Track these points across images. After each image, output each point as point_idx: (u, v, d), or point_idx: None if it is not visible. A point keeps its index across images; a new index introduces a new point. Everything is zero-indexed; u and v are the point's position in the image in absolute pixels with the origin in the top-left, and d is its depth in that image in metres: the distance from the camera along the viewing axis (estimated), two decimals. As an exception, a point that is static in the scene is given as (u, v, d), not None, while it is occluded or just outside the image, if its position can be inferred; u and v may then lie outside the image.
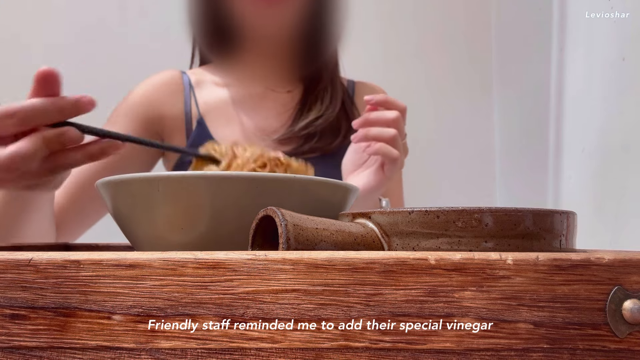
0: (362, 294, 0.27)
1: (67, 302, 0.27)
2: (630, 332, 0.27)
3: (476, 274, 0.27)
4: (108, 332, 0.27)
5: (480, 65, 1.46)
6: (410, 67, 1.35)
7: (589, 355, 0.27)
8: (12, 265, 0.27)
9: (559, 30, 1.04)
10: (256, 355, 0.27)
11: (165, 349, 0.27)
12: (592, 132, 0.88)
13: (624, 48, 0.78)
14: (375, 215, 0.34)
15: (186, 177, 0.38)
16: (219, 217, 0.38)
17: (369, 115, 0.70)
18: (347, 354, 0.27)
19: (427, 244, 0.32)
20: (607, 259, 0.27)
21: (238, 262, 0.27)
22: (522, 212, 0.32)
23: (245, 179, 0.38)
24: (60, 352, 0.27)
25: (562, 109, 1.02)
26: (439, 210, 0.32)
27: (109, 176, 0.41)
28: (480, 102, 1.45)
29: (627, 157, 0.77)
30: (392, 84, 1.04)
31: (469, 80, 1.46)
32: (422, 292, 0.27)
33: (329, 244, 0.32)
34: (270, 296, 0.27)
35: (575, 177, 0.95)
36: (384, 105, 0.70)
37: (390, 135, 0.68)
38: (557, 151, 1.04)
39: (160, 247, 0.40)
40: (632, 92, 0.76)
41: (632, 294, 0.27)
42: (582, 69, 0.93)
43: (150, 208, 0.39)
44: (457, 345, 0.27)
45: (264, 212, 0.32)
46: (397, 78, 0.74)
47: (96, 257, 0.27)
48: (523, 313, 0.27)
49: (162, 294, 0.27)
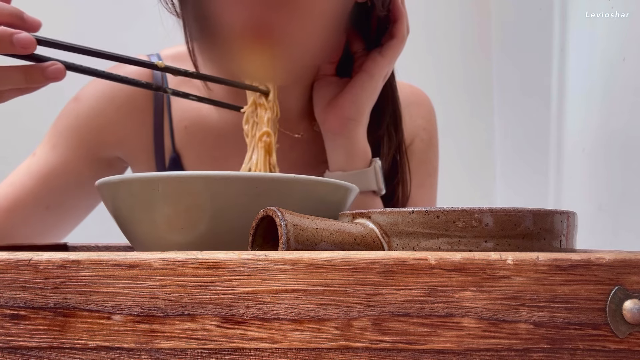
0: (362, 294, 0.27)
1: (66, 302, 0.27)
2: (631, 332, 0.27)
3: (476, 274, 0.27)
4: (108, 332, 0.27)
5: (480, 65, 1.46)
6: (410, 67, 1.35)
7: (589, 355, 0.27)
8: (11, 265, 0.27)
9: (560, 30, 1.04)
10: (256, 355, 0.27)
11: (165, 349, 0.27)
12: (592, 132, 0.88)
13: (624, 48, 0.78)
14: (375, 215, 0.34)
15: (186, 177, 0.38)
16: (219, 217, 0.38)
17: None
18: (347, 354, 0.26)
19: (427, 244, 0.32)
20: (608, 259, 0.27)
21: (238, 262, 0.27)
22: (522, 212, 0.32)
23: (245, 179, 0.38)
24: (60, 352, 0.27)
25: (562, 109, 1.02)
26: (439, 210, 0.32)
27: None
28: (480, 102, 1.45)
29: (627, 157, 0.77)
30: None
31: (469, 80, 1.46)
32: (422, 292, 0.27)
33: (329, 244, 0.32)
34: (270, 296, 0.27)
35: (575, 177, 0.95)
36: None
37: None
38: (557, 151, 1.04)
39: (160, 247, 0.40)
40: (632, 92, 0.76)
41: (633, 294, 0.27)
42: (582, 69, 0.93)
43: (150, 208, 0.39)
44: (457, 345, 0.26)
45: (264, 212, 0.32)
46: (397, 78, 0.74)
47: (96, 257, 0.27)
48: (523, 313, 0.27)
49: (162, 294, 0.27)
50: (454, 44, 1.46)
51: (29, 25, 0.50)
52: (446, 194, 1.23)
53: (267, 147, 0.59)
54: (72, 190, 0.72)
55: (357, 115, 0.65)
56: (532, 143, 1.20)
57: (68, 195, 0.72)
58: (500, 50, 1.43)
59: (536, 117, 1.16)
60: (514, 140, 1.34)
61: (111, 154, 0.73)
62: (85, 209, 0.75)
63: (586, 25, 0.91)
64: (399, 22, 0.66)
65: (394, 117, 0.73)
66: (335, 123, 0.65)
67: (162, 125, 0.72)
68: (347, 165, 0.66)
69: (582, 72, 0.94)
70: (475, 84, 1.46)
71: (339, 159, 0.66)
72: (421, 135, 0.80)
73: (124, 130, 0.72)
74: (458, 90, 1.45)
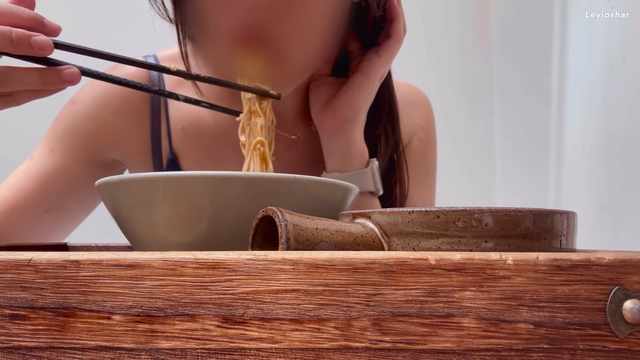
0: (362, 294, 0.27)
1: (66, 302, 0.27)
2: (631, 332, 0.27)
3: (476, 274, 0.27)
4: (108, 332, 0.27)
5: (480, 65, 1.46)
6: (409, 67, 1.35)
7: (589, 355, 0.27)
8: (11, 265, 0.27)
9: (560, 30, 1.04)
10: (256, 355, 0.27)
11: (165, 349, 0.27)
12: (592, 132, 0.88)
13: (624, 48, 0.78)
14: (375, 215, 0.34)
15: (186, 177, 0.38)
16: (219, 217, 0.38)
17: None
18: (347, 354, 0.26)
19: (427, 244, 0.32)
20: (608, 259, 0.27)
21: (238, 262, 0.27)
22: (522, 212, 0.32)
23: (245, 179, 0.38)
24: (60, 352, 0.27)
25: (562, 109, 1.02)
26: (439, 211, 0.32)
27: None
28: (480, 102, 1.45)
29: (627, 157, 0.77)
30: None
31: (469, 80, 1.46)
32: (422, 292, 0.27)
33: (329, 244, 0.32)
34: (270, 296, 0.27)
35: (575, 177, 0.95)
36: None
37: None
38: (557, 151, 1.04)
39: (160, 247, 0.40)
40: (632, 92, 0.76)
41: (633, 294, 0.27)
42: (582, 69, 0.93)
43: (150, 208, 0.39)
44: (457, 345, 0.26)
45: (264, 212, 0.32)
46: (397, 78, 0.74)
47: (96, 257, 0.27)
48: (523, 313, 0.27)
49: (162, 294, 0.27)
50: (454, 43, 1.46)
51: (49, 29, 0.50)
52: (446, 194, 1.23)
53: (262, 155, 0.59)
54: (70, 193, 0.72)
55: (354, 116, 0.65)
56: (532, 143, 1.20)
57: (67, 199, 0.72)
58: (500, 50, 1.43)
59: (536, 117, 1.16)
60: (514, 140, 1.34)
61: (109, 157, 0.73)
62: (84, 211, 0.75)
63: (586, 25, 0.91)
64: (396, 22, 0.66)
65: (391, 117, 0.73)
66: (332, 124, 0.65)
67: (160, 127, 0.72)
68: (344, 166, 0.66)
69: (582, 72, 0.94)
70: (475, 84, 1.46)
71: (336, 160, 0.66)
72: (419, 134, 0.80)
73: (121, 132, 0.72)
74: (458, 90, 1.45)
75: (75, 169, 0.71)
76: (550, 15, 1.07)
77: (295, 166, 0.73)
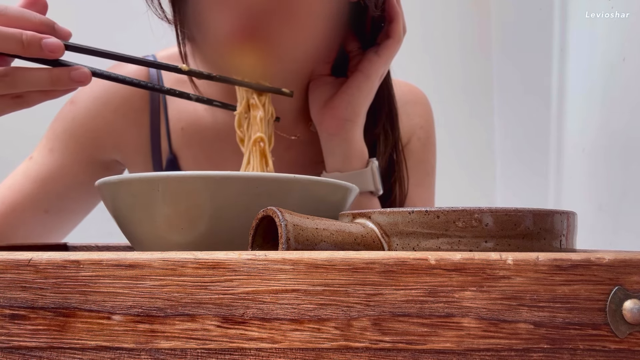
0: (362, 294, 0.27)
1: (66, 302, 0.27)
2: (631, 332, 0.27)
3: (476, 274, 0.27)
4: (108, 332, 0.27)
5: (480, 65, 1.46)
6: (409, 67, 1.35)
7: (589, 355, 0.27)
8: (11, 265, 0.27)
9: (560, 30, 1.04)
10: (256, 355, 0.27)
11: (165, 349, 0.27)
12: (592, 132, 0.88)
13: (624, 48, 0.78)
14: (375, 215, 0.34)
15: (186, 177, 0.38)
16: (219, 217, 0.38)
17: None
18: (347, 354, 0.26)
19: (427, 244, 0.32)
20: (608, 259, 0.27)
21: (238, 262, 0.27)
22: (522, 212, 0.32)
23: (245, 179, 0.38)
24: (60, 352, 0.27)
25: (562, 109, 1.02)
26: (439, 211, 0.32)
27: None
28: (480, 102, 1.45)
29: (627, 157, 0.77)
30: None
31: (469, 80, 1.46)
32: (422, 292, 0.27)
33: (329, 244, 0.32)
34: (270, 296, 0.27)
35: (575, 177, 0.95)
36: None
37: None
38: (557, 151, 1.04)
39: (160, 247, 0.40)
40: (632, 93, 0.76)
41: (633, 294, 0.27)
42: (583, 69, 0.93)
43: (150, 208, 0.39)
44: (457, 345, 0.26)
45: (264, 212, 0.32)
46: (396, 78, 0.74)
47: (96, 257, 0.27)
48: (523, 313, 0.27)
49: (161, 294, 0.27)
50: (454, 43, 1.46)
51: (59, 34, 0.51)
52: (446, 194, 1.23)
53: (262, 152, 0.59)
54: (70, 193, 0.72)
55: (354, 116, 0.65)
56: (532, 143, 1.20)
57: (66, 199, 0.72)
58: (500, 50, 1.43)
59: (536, 117, 1.16)
60: (514, 140, 1.34)
61: (108, 157, 0.73)
62: (83, 211, 0.75)
63: (586, 25, 0.91)
64: (395, 22, 0.66)
65: (390, 116, 0.73)
66: (332, 124, 0.65)
67: (159, 127, 0.72)
68: (344, 166, 0.66)
69: (582, 72, 0.94)
70: (475, 84, 1.46)
71: (335, 160, 0.66)
72: (418, 133, 0.80)
73: (121, 132, 0.72)
74: (458, 91, 1.45)
75: (75, 169, 0.71)
76: (550, 15, 1.07)
77: (294, 166, 0.73)
